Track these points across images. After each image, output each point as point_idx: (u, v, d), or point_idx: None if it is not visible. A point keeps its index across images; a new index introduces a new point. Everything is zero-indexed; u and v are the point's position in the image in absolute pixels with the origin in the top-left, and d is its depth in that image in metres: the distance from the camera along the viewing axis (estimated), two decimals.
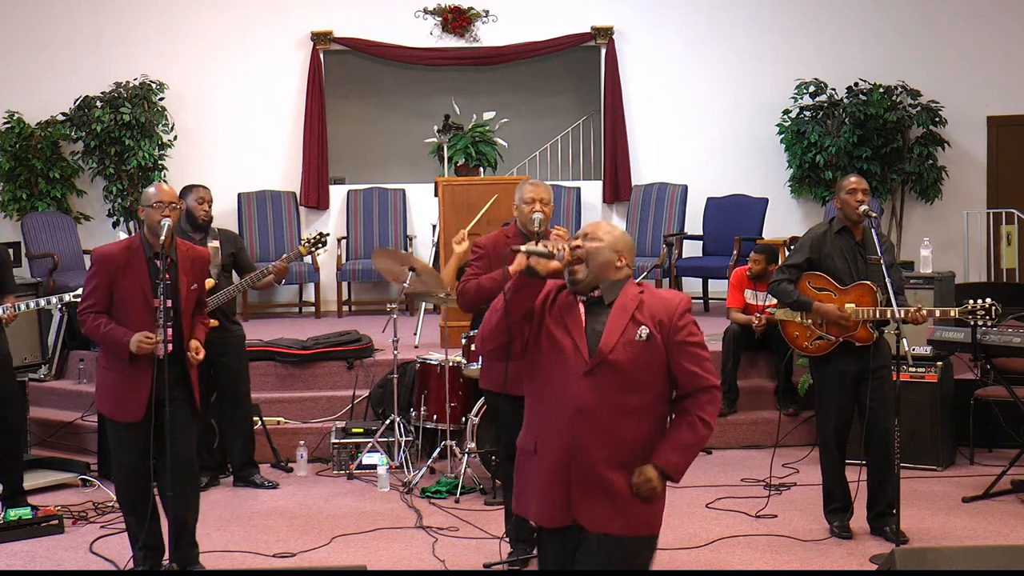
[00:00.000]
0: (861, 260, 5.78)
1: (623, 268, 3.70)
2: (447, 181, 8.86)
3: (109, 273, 5.13)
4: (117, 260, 5.14)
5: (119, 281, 5.13)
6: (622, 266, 3.69)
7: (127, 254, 5.16)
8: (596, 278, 3.66)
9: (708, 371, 3.64)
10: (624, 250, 3.70)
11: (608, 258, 3.66)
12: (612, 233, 3.71)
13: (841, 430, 5.86)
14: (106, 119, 10.53)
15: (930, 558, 4.02)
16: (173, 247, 5.21)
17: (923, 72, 11.10)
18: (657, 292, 3.73)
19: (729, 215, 10.60)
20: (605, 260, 3.66)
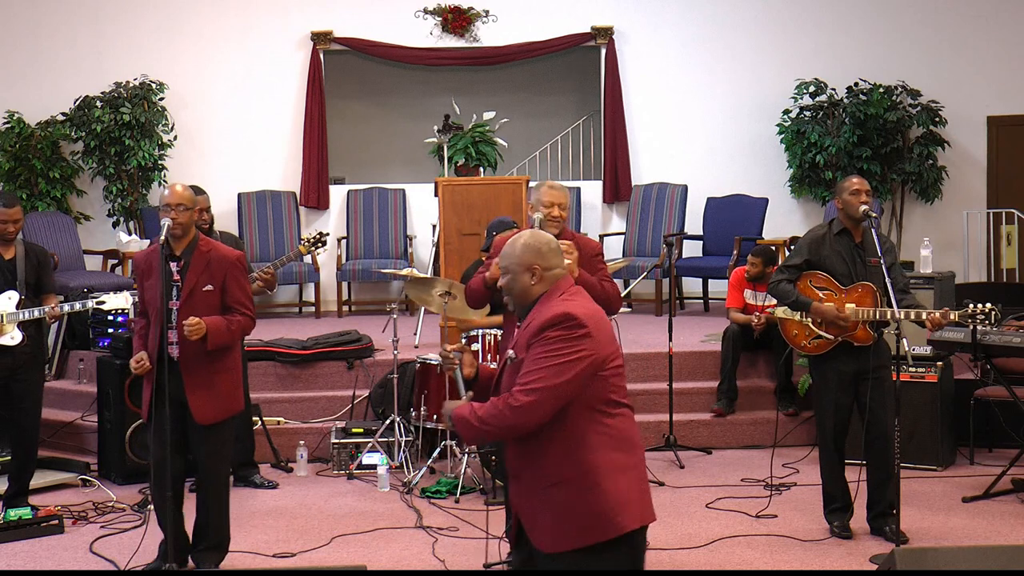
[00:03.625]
0: (860, 262, 5.78)
1: (539, 281, 3.59)
2: (447, 181, 8.86)
3: (139, 278, 5.34)
4: (142, 265, 5.33)
5: (144, 284, 5.28)
6: (536, 280, 3.59)
7: (150, 258, 5.29)
8: (523, 305, 3.62)
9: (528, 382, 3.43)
10: (533, 261, 3.58)
11: (522, 283, 3.60)
12: (514, 254, 3.61)
13: (840, 430, 5.86)
14: (106, 119, 10.53)
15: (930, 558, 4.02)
16: (190, 248, 5.23)
17: (923, 72, 11.10)
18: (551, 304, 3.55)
19: (729, 215, 10.59)
20: (521, 288, 3.61)
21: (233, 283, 5.30)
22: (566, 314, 3.46)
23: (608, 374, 3.50)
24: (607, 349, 3.51)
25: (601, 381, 3.48)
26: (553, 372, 3.41)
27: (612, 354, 3.53)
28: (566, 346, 3.43)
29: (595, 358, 3.46)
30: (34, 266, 6.30)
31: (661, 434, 7.61)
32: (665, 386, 7.67)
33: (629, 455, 3.54)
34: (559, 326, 3.45)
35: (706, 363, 8.18)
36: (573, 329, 3.44)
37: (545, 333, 3.46)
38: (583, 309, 3.52)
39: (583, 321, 3.46)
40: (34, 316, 6.14)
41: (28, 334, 6.19)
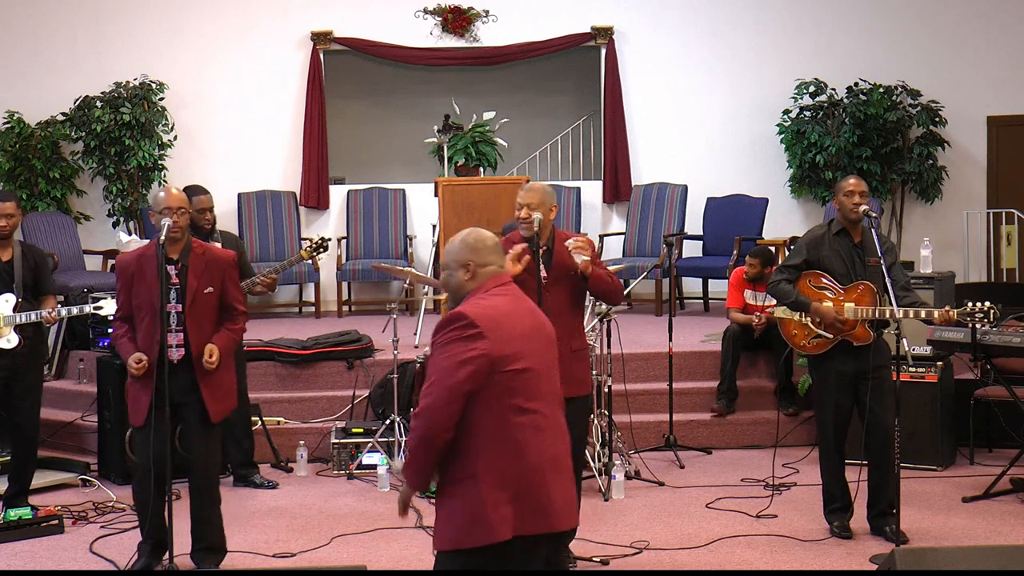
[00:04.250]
0: (859, 262, 5.78)
1: (472, 277, 3.63)
2: (447, 181, 8.86)
3: (126, 280, 5.26)
4: (132, 267, 5.26)
5: (134, 288, 5.23)
6: (470, 277, 3.63)
7: (141, 261, 5.25)
8: (456, 300, 3.67)
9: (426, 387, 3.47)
10: (469, 257, 3.63)
11: (457, 279, 3.64)
12: (452, 251, 3.66)
13: (840, 430, 5.86)
14: (106, 119, 10.53)
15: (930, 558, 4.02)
16: (186, 250, 5.24)
17: (923, 72, 11.10)
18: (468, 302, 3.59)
19: (729, 215, 10.59)
20: (456, 283, 3.65)
21: (230, 283, 5.40)
22: (459, 314, 3.50)
23: (506, 378, 3.47)
24: (505, 350, 3.48)
25: (499, 384, 3.46)
26: (446, 373, 3.44)
27: (513, 356, 3.49)
28: (458, 346, 3.45)
29: (488, 357, 3.44)
30: (31, 268, 6.28)
31: (661, 434, 7.61)
32: (665, 386, 7.67)
33: (519, 462, 3.48)
34: (451, 326, 3.49)
35: (706, 363, 8.18)
36: (464, 329, 3.46)
37: (438, 337, 3.51)
38: (485, 310, 3.51)
39: (475, 321, 3.47)
40: (31, 320, 6.14)
41: (25, 336, 6.18)
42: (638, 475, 7.02)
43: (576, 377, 5.26)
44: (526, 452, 3.49)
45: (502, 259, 3.70)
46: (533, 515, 3.48)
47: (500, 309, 3.54)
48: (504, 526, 3.43)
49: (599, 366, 7.12)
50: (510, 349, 3.49)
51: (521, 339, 3.53)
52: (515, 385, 3.49)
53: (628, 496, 6.63)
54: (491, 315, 3.50)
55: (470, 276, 3.62)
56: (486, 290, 3.59)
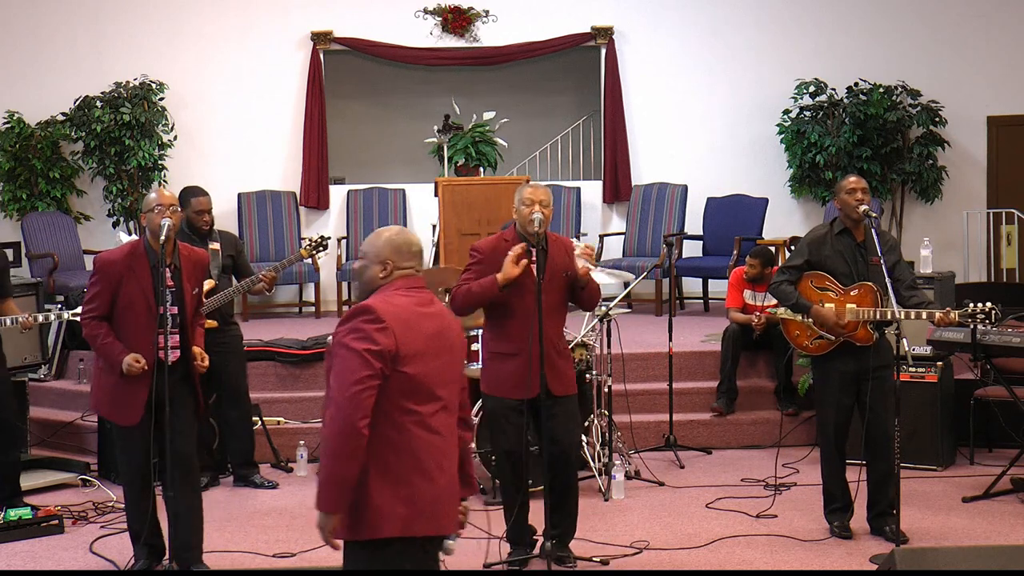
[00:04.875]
0: (862, 262, 5.77)
1: (387, 276, 3.66)
2: (447, 181, 8.86)
3: (111, 280, 5.13)
4: (119, 267, 5.14)
5: (122, 288, 5.13)
6: (386, 275, 3.66)
7: (130, 260, 5.16)
8: (364, 293, 3.69)
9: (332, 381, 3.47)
10: (390, 256, 3.65)
11: (372, 273, 3.67)
12: (376, 244, 3.69)
13: (841, 430, 5.86)
14: (106, 119, 10.54)
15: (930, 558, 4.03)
16: (176, 254, 5.22)
17: (923, 72, 11.10)
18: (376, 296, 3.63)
19: (729, 215, 10.59)
20: (369, 276, 3.68)
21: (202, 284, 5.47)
22: (367, 307, 3.53)
23: (403, 377, 3.50)
24: (406, 349, 3.50)
25: (396, 382, 3.49)
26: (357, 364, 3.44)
27: (413, 356, 3.52)
28: (365, 338, 3.46)
29: (391, 353, 3.47)
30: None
31: (661, 434, 7.61)
32: (665, 386, 7.67)
33: (409, 462, 3.51)
34: (358, 318, 3.51)
35: (706, 363, 8.18)
36: (372, 322, 3.48)
37: (342, 328, 3.51)
38: (392, 307, 3.55)
39: (382, 316, 3.49)
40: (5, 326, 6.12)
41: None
42: (638, 475, 7.02)
43: (565, 376, 5.36)
44: (417, 453, 3.53)
45: (420, 266, 3.74)
46: (422, 517, 3.53)
47: (407, 308, 3.58)
48: (393, 524, 3.48)
49: (599, 366, 7.12)
50: (411, 349, 3.52)
51: (424, 340, 3.56)
52: (411, 385, 3.52)
53: (628, 496, 6.63)
54: (397, 312, 3.54)
55: (385, 274, 3.66)
56: (396, 289, 3.64)
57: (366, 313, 3.50)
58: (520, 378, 5.28)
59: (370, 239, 3.72)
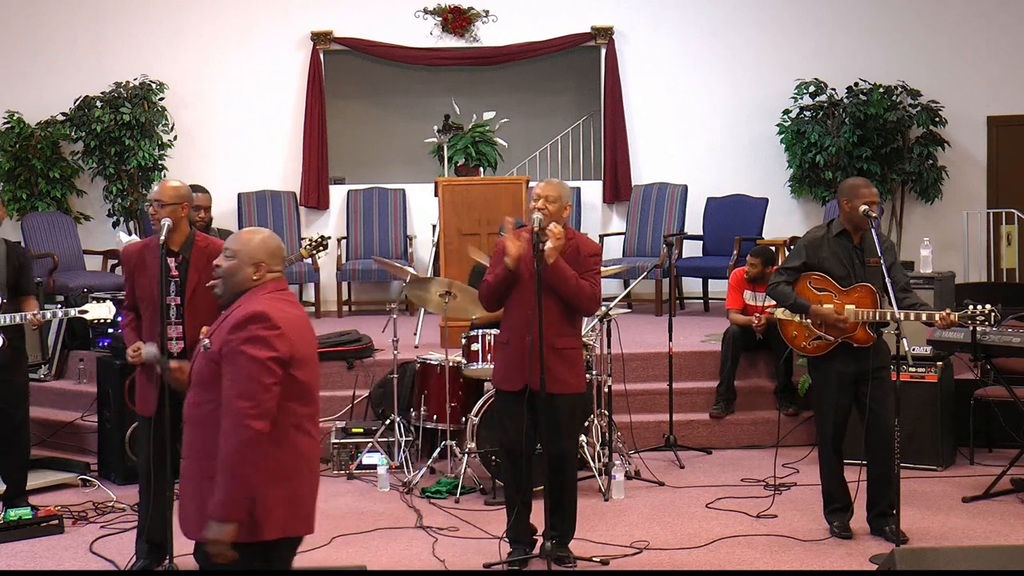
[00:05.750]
0: (859, 263, 5.77)
1: (259, 278, 3.70)
2: (447, 181, 8.86)
3: (129, 271, 5.30)
4: (134, 258, 5.29)
5: (137, 279, 5.26)
6: (258, 277, 3.70)
7: (143, 252, 5.27)
8: (232, 294, 3.72)
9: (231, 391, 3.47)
10: (264, 259, 3.71)
11: (244, 275, 3.70)
12: (249, 244, 3.73)
13: (840, 430, 5.86)
14: (106, 119, 10.54)
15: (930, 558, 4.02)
16: (188, 244, 5.24)
17: (923, 72, 11.10)
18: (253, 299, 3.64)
19: (729, 215, 10.59)
20: (241, 278, 3.71)
21: None
22: (262, 314, 3.56)
23: (290, 380, 3.56)
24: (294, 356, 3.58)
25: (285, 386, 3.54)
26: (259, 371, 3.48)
27: (300, 360, 3.60)
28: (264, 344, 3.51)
29: (286, 358, 3.54)
30: (15, 268, 6.26)
31: (661, 434, 7.61)
32: (665, 386, 7.67)
33: (288, 466, 3.57)
34: (255, 324, 3.54)
35: (706, 363, 8.18)
36: (269, 328, 3.54)
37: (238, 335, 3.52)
38: (282, 312, 3.62)
39: (277, 322, 3.56)
40: (15, 322, 6.11)
41: (8, 338, 6.15)
42: (638, 475, 7.02)
43: (555, 375, 5.27)
44: (296, 455, 3.60)
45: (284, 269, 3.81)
46: (298, 518, 3.62)
47: (291, 313, 3.67)
48: (274, 525, 3.54)
49: (599, 366, 7.12)
50: (301, 353, 3.61)
51: (308, 345, 3.68)
52: (298, 389, 3.59)
53: (628, 496, 6.63)
54: (287, 318, 3.62)
55: (258, 276, 3.71)
56: (268, 291, 3.69)
57: (262, 320, 3.55)
58: (508, 368, 5.33)
59: (241, 240, 3.76)
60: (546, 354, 5.19)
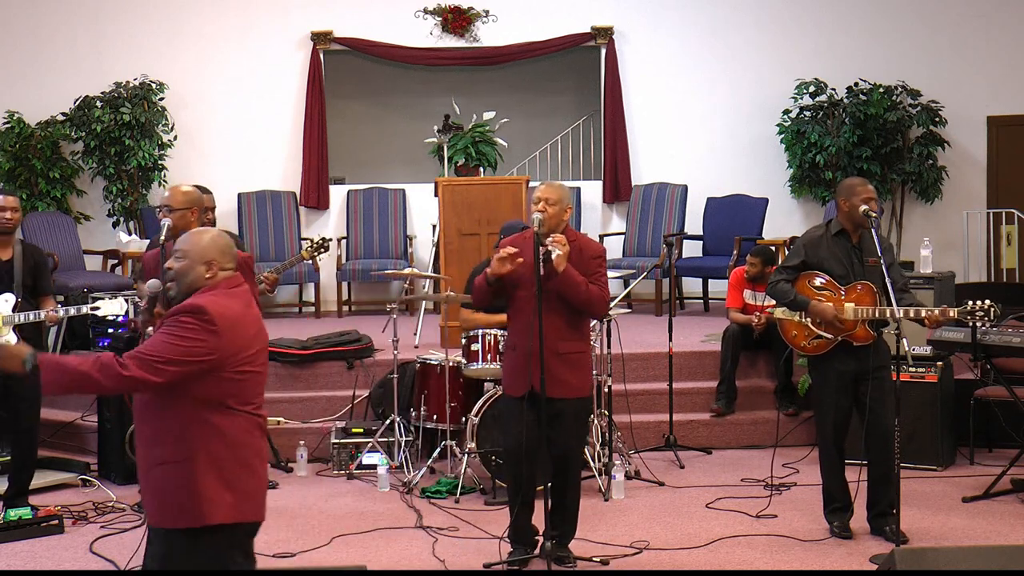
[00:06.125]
0: (858, 263, 5.77)
1: (212, 276, 3.79)
2: (447, 181, 8.86)
3: (148, 276, 5.32)
4: (151, 263, 5.37)
5: None
6: (211, 275, 3.79)
7: (158, 256, 5.28)
8: (185, 292, 3.79)
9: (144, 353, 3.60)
10: (215, 257, 3.80)
11: (197, 273, 3.79)
12: (199, 244, 3.80)
13: (840, 430, 5.86)
14: (106, 119, 10.54)
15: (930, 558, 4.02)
16: None
17: (923, 72, 11.10)
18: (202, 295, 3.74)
19: (729, 215, 10.59)
20: (193, 277, 3.79)
21: None
22: (202, 307, 3.65)
23: (230, 376, 3.69)
24: (236, 350, 3.69)
25: (221, 381, 3.67)
26: (167, 353, 3.58)
27: (242, 359, 3.72)
28: (191, 335, 3.61)
29: (215, 358, 3.63)
30: (31, 267, 6.28)
31: (661, 434, 7.61)
32: (665, 386, 7.67)
33: (234, 453, 3.71)
34: (192, 315, 3.64)
35: (706, 363, 8.18)
36: (203, 323, 3.62)
37: (178, 317, 3.64)
38: (223, 309, 3.69)
39: (214, 319, 3.64)
40: (30, 320, 6.11)
41: (24, 337, 6.15)
42: (638, 475, 7.02)
43: (560, 379, 5.27)
44: (241, 446, 3.75)
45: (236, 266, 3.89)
46: (247, 504, 3.76)
47: (236, 311, 3.74)
48: (219, 511, 3.65)
49: (599, 366, 7.12)
50: (239, 351, 3.71)
51: (250, 342, 3.78)
52: (239, 383, 3.73)
53: (628, 496, 6.63)
54: (228, 315, 3.70)
55: (211, 275, 3.79)
56: (222, 289, 3.78)
57: (201, 313, 3.64)
58: (514, 373, 5.31)
59: (190, 240, 3.84)
60: (549, 358, 5.19)
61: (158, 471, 3.66)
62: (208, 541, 3.66)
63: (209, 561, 3.67)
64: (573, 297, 5.26)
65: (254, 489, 3.80)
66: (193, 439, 3.63)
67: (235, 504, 3.68)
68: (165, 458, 3.65)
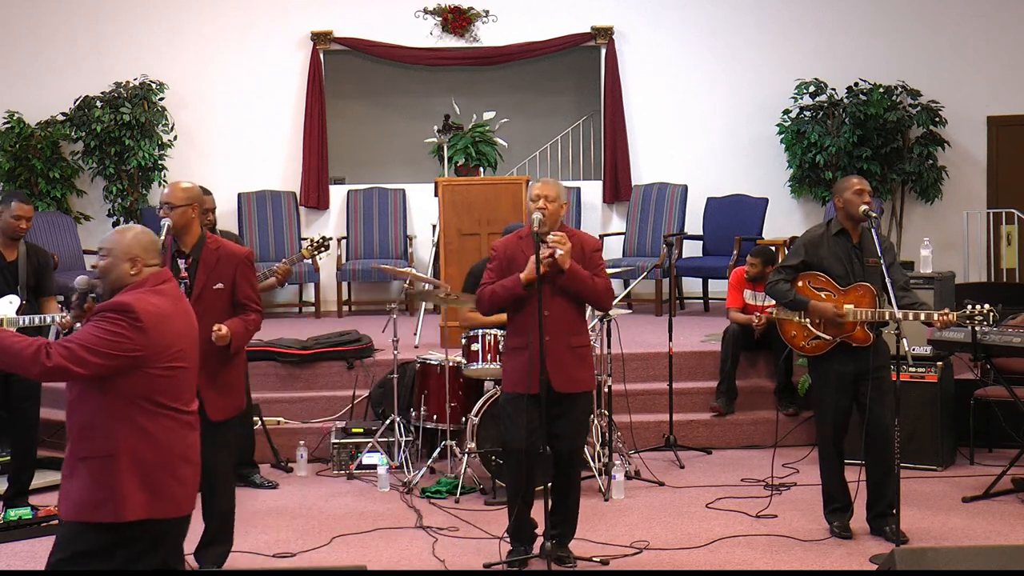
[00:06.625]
0: (858, 263, 5.76)
1: (137, 273, 3.80)
2: (447, 181, 8.86)
3: None
4: None
5: None
6: (136, 272, 3.81)
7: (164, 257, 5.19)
8: (112, 290, 3.82)
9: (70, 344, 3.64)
10: (139, 254, 3.82)
11: (122, 271, 3.81)
12: (122, 242, 3.82)
13: (840, 430, 5.85)
14: (106, 119, 10.54)
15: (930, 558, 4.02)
16: (199, 245, 5.19)
17: (923, 72, 11.10)
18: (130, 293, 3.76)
19: (729, 215, 10.59)
20: (118, 274, 3.81)
21: (243, 280, 5.24)
22: (129, 305, 3.68)
23: (157, 373, 3.70)
24: (162, 348, 3.70)
25: (147, 378, 3.69)
26: (92, 345, 3.61)
27: (169, 354, 3.73)
28: (116, 330, 3.63)
29: (141, 355, 3.65)
30: (35, 268, 6.28)
31: (661, 434, 7.61)
32: (665, 386, 7.67)
33: (158, 453, 3.71)
34: (117, 312, 3.66)
35: (706, 363, 8.18)
36: (130, 320, 3.64)
37: (104, 313, 3.67)
38: (149, 306, 3.72)
39: (140, 316, 3.66)
40: (35, 324, 6.09)
41: None
42: (638, 475, 7.02)
43: (572, 374, 5.32)
44: (165, 444, 3.74)
45: (161, 261, 3.92)
46: (164, 501, 3.74)
47: (163, 308, 3.76)
48: (136, 507, 3.66)
49: (599, 366, 7.12)
50: (167, 347, 3.72)
51: (177, 339, 3.78)
52: (165, 381, 3.73)
53: (628, 496, 6.63)
54: (154, 312, 3.72)
55: (136, 271, 3.81)
56: (148, 286, 3.79)
57: (127, 311, 3.66)
58: (526, 372, 5.26)
59: (113, 238, 3.86)
60: (563, 354, 5.26)
61: (81, 465, 3.68)
62: (120, 537, 3.67)
63: (121, 557, 3.68)
64: (582, 292, 5.32)
65: (174, 489, 3.77)
66: (117, 437, 3.65)
67: (150, 503, 3.69)
68: (89, 452, 3.68)
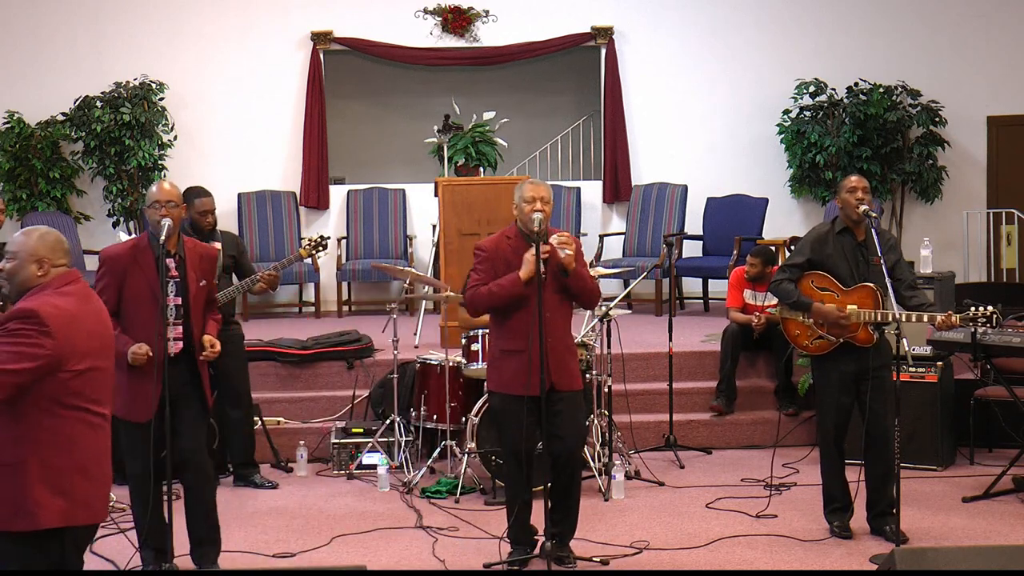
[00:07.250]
0: (863, 262, 5.76)
1: (44, 274, 3.78)
2: (447, 181, 8.86)
3: (117, 273, 5.16)
4: (124, 260, 5.18)
5: (127, 280, 5.15)
6: (43, 273, 3.78)
7: (134, 253, 5.19)
8: (19, 292, 3.79)
9: None
10: (46, 255, 3.79)
11: (28, 272, 3.77)
12: (27, 244, 3.79)
13: (840, 430, 5.86)
14: (106, 119, 10.54)
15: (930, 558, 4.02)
16: (180, 245, 5.24)
17: (923, 72, 11.10)
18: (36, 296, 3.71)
19: (729, 215, 10.59)
20: (25, 276, 3.78)
21: (214, 278, 5.45)
22: (32, 311, 3.63)
23: (67, 376, 3.64)
24: (70, 350, 3.64)
25: (56, 381, 3.62)
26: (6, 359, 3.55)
27: (77, 356, 3.66)
28: (25, 340, 3.58)
29: (52, 357, 3.60)
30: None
31: (661, 434, 7.61)
32: (665, 386, 7.67)
33: (69, 456, 3.66)
34: (23, 320, 3.62)
35: (706, 363, 8.18)
36: (35, 326, 3.59)
37: (9, 324, 3.62)
38: (54, 309, 3.67)
39: (46, 320, 3.61)
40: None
41: None
42: (638, 475, 7.02)
43: (571, 371, 5.40)
44: (77, 448, 3.68)
45: (70, 260, 3.88)
46: (80, 507, 3.69)
47: (69, 310, 3.70)
48: (51, 515, 3.61)
49: (599, 366, 7.12)
50: (75, 350, 3.66)
51: (88, 339, 3.72)
52: (75, 384, 3.66)
53: (628, 496, 6.63)
54: (60, 315, 3.67)
55: (43, 272, 3.78)
56: (55, 288, 3.75)
57: (31, 316, 3.61)
58: (526, 374, 5.25)
59: (18, 240, 3.82)
60: (563, 353, 5.33)
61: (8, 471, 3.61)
62: (39, 545, 3.63)
63: (42, 564, 3.64)
64: (583, 292, 5.42)
65: (89, 493, 3.72)
66: (27, 443, 3.60)
67: (67, 509, 3.64)
68: (3, 460, 3.62)
